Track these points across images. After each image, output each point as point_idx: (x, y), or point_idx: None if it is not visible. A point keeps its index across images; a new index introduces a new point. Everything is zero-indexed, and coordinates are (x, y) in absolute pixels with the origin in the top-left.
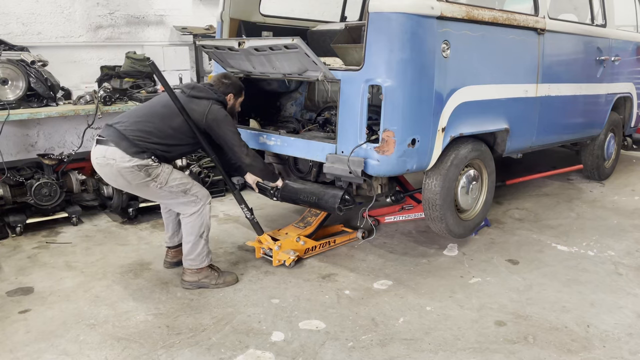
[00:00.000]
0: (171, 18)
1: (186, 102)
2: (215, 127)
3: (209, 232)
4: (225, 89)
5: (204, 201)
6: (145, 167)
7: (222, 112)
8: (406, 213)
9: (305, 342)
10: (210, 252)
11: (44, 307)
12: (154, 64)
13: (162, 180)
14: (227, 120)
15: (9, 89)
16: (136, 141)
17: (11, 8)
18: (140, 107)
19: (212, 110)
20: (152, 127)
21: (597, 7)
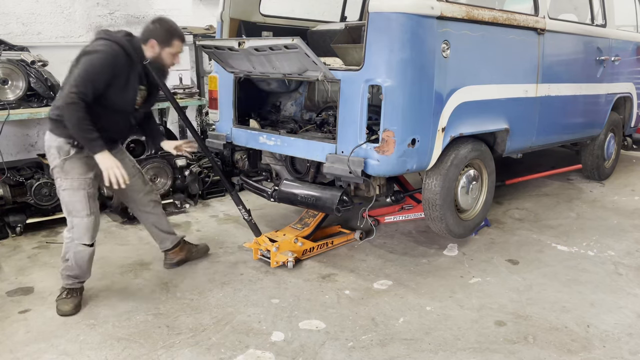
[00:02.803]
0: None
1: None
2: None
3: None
4: (146, 34)
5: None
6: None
7: (97, 50)
8: (406, 213)
9: (305, 342)
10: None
11: (44, 307)
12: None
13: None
14: (94, 59)
15: (9, 89)
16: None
17: (11, 8)
18: None
19: (90, 45)
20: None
21: (597, 7)
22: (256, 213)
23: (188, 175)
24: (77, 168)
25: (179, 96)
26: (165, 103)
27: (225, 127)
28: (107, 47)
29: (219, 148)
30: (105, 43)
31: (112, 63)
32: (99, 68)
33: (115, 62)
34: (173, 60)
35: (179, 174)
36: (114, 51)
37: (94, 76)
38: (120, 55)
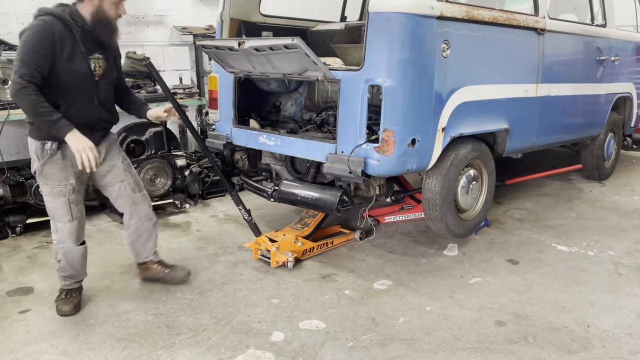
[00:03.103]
0: (171, 18)
1: None
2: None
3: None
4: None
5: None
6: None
7: (27, 28)
8: (406, 213)
9: (305, 342)
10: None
11: (44, 307)
12: (151, 63)
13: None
14: (27, 38)
15: (9, 89)
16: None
17: (11, 8)
18: None
19: (33, 22)
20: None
21: (597, 7)
22: (256, 213)
23: (188, 175)
24: (56, 174)
25: (179, 96)
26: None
27: (225, 127)
28: (37, 21)
29: (219, 148)
30: (36, 19)
31: (46, 36)
32: (34, 45)
33: (49, 34)
34: (118, 11)
35: (179, 174)
36: (45, 23)
37: (31, 55)
38: (55, 25)
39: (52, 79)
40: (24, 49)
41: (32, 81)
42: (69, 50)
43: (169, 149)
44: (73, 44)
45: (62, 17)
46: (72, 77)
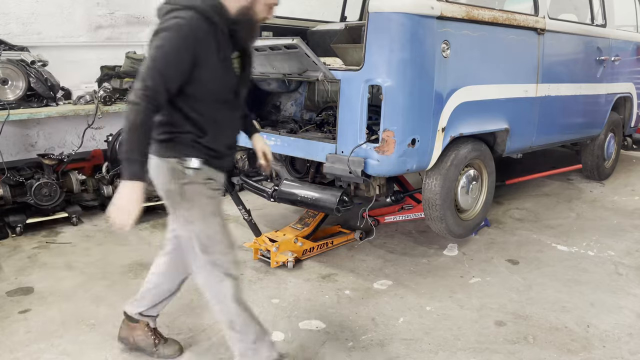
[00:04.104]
0: None
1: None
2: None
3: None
4: None
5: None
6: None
7: (166, 27)
8: (406, 213)
9: (305, 342)
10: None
11: (44, 307)
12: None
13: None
14: (165, 40)
15: (9, 89)
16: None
17: (11, 8)
18: None
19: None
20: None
21: (597, 7)
22: (256, 213)
23: None
24: (203, 197)
25: None
26: None
27: None
28: (179, 20)
29: None
30: (175, 15)
31: (188, 40)
32: (170, 52)
33: (192, 37)
34: (268, 13)
35: None
36: (188, 22)
37: (165, 65)
38: (200, 24)
39: (191, 90)
40: (158, 55)
41: (153, 100)
42: (213, 55)
43: None
44: (217, 47)
45: (206, 13)
46: (218, 87)
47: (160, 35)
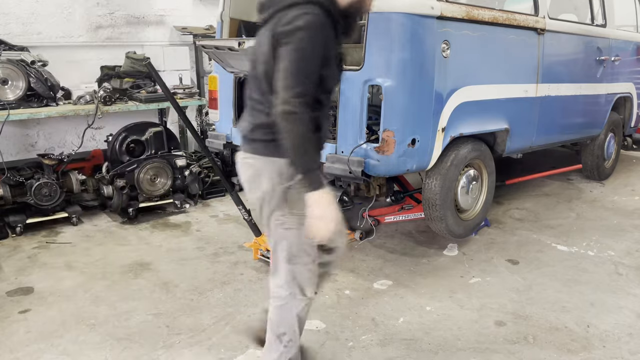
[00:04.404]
0: (171, 18)
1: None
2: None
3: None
4: None
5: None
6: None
7: (300, 26)
8: (406, 213)
9: (305, 342)
10: None
11: (44, 307)
12: (150, 63)
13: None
14: (304, 40)
15: (9, 89)
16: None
17: (11, 8)
18: None
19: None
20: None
21: (597, 7)
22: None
23: (188, 175)
24: (303, 199)
25: (179, 96)
26: (166, 103)
27: (225, 127)
28: (308, 15)
29: (219, 148)
30: (303, 11)
31: (321, 33)
32: (310, 50)
33: (323, 30)
34: (370, 5)
35: (179, 174)
36: (317, 17)
37: (310, 64)
38: (325, 17)
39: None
40: (299, 57)
41: (307, 105)
42: (334, 50)
43: (169, 149)
44: (335, 41)
45: (327, 7)
46: (332, 84)
47: (297, 36)
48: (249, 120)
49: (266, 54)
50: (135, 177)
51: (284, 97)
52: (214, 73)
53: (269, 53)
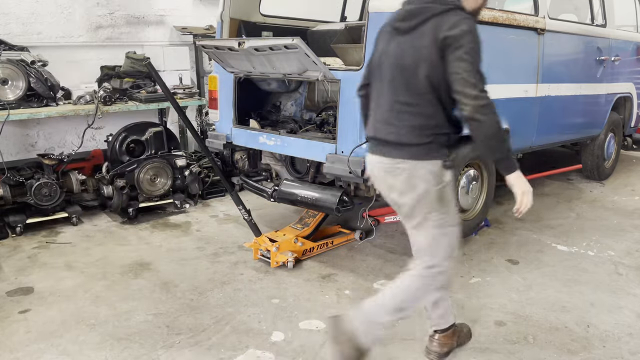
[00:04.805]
0: (171, 18)
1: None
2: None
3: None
4: None
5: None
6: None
7: (470, 22)
8: None
9: (305, 342)
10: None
11: (44, 307)
12: (150, 63)
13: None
14: (475, 37)
15: (9, 89)
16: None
17: (11, 8)
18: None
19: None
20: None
21: (597, 7)
22: (256, 213)
23: (188, 175)
24: (453, 198)
25: (179, 96)
26: (166, 103)
27: (225, 127)
28: (467, 20)
29: (219, 148)
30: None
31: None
32: (479, 49)
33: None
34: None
35: (179, 174)
36: (473, 20)
37: (480, 62)
38: None
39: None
40: (476, 58)
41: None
42: None
43: (169, 149)
44: None
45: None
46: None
47: (467, 39)
48: (397, 124)
49: (430, 56)
50: (135, 177)
51: (476, 94)
52: (214, 73)
53: (434, 56)
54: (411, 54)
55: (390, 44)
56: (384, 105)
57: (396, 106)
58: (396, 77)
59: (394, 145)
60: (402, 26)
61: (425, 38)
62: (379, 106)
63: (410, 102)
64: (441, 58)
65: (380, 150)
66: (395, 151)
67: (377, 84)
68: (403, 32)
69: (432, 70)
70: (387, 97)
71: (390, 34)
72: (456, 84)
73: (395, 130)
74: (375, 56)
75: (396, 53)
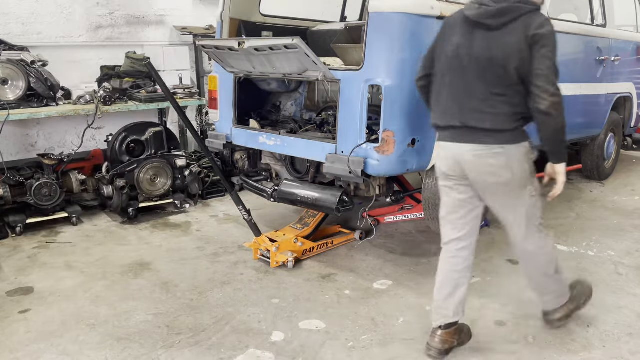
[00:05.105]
0: (171, 18)
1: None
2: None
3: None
4: None
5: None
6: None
7: (550, 23)
8: (406, 213)
9: (305, 342)
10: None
11: (44, 307)
12: (150, 63)
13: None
14: (554, 37)
15: (9, 89)
16: None
17: (11, 8)
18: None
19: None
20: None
21: (597, 7)
22: (256, 213)
23: (188, 175)
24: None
25: (179, 96)
26: (166, 103)
27: (225, 127)
28: (549, 21)
29: (219, 148)
30: (543, 18)
31: None
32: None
33: None
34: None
35: (179, 174)
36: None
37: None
38: None
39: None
40: (555, 57)
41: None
42: None
43: (169, 149)
44: None
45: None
46: None
47: (551, 40)
48: (492, 112)
49: (521, 52)
50: (135, 177)
51: (553, 91)
52: (214, 73)
53: (525, 51)
54: (502, 49)
55: (474, 38)
56: (476, 95)
57: (490, 96)
58: (487, 69)
59: (489, 132)
60: (494, 23)
61: (515, 34)
62: (467, 95)
63: (502, 92)
64: (529, 53)
65: (470, 138)
66: (491, 138)
67: (452, 74)
68: (493, 28)
69: (521, 63)
70: (477, 87)
71: (469, 29)
72: (538, 79)
73: (491, 118)
74: (448, 48)
75: (483, 47)
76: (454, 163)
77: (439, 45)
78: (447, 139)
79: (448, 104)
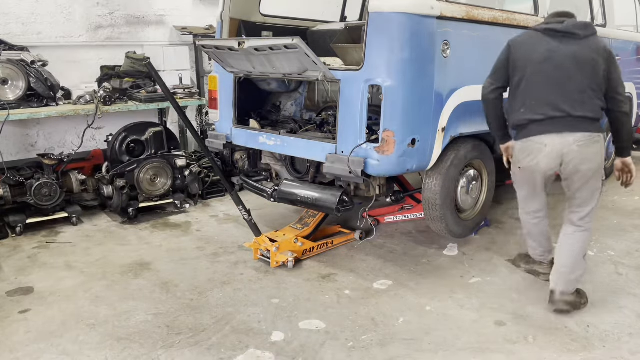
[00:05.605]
0: (171, 18)
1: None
2: (611, 63)
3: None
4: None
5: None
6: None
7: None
8: (406, 213)
9: (305, 342)
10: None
11: (44, 307)
12: (150, 63)
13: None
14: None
15: (9, 89)
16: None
17: (11, 8)
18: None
19: (606, 44)
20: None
21: (597, 7)
22: (256, 213)
23: (188, 175)
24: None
25: (179, 96)
26: (166, 103)
27: (225, 127)
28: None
29: (219, 148)
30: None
31: None
32: None
33: None
34: None
35: (179, 174)
36: None
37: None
38: None
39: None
40: (620, 69)
41: None
42: None
43: (169, 149)
44: None
45: None
46: None
47: (615, 58)
48: (591, 104)
49: (605, 61)
50: (135, 177)
51: (623, 99)
52: (214, 73)
53: (604, 65)
54: (593, 54)
55: (567, 43)
56: (577, 88)
57: (588, 90)
58: (585, 68)
59: (591, 121)
60: (582, 33)
61: (596, 45)
62: (567, 89)
63: (595, 88)
64: (606, 65)
65: (575, 127)
66: (592, 126)
67: (544, 74)
68: (582, 37)
69: (604, 73)
70: (577, 82)
71: (559, 37)
72: (620, 88)
73: (590, 108)
74: (535, 55)
75: (577, 51)
76: (556, 157)
77: (519, 57)
78: (545, 132)
79: (548, 98)
